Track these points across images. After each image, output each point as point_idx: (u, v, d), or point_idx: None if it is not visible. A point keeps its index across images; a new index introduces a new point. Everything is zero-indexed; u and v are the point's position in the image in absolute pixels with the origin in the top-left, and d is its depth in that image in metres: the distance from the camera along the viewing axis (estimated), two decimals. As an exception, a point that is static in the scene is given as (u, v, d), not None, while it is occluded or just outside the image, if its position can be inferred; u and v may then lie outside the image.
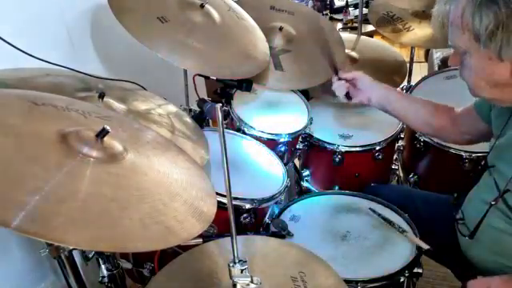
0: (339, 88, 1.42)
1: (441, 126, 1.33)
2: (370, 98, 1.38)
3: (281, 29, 1.70)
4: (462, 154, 1.55)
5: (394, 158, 1.87)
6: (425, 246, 1.14)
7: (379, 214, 1.27)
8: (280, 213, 1.32)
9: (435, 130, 1.37)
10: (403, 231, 1.21)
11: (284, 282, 0.93)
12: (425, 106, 1.35)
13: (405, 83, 2.04)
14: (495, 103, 1.06)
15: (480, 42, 0.90)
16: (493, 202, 1.05)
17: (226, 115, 1.63)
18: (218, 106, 0.73)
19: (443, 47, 2.37)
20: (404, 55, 2.10)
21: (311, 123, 1.69)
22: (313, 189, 1.80)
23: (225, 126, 1.54)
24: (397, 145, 1.82)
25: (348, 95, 1.42)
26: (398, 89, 2.00)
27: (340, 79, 1.43)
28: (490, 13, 0.87)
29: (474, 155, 1.54)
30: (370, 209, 1.30)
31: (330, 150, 1.68)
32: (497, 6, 0.87)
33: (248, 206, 1.29)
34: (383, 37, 2.27)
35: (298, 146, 1.71)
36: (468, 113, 1.25)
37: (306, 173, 1.83)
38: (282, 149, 1.60)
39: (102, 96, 1.11)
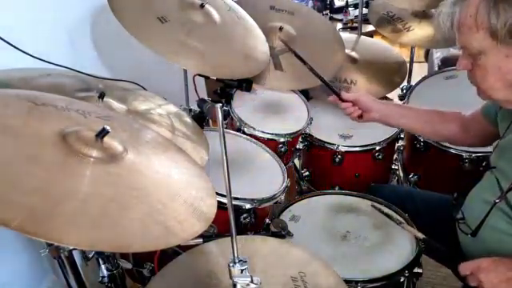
0: (349, 110, 1.38)
1: (451, 133, 1.33)
2: (374, 118, 1.37)
3: (281, 29, 1.70)
4: (462, 154, 1.55)
5: (394, 158, 1.87)
6: (420, 236, 1.15)
7: (379, 209, 1.28)
8: (280, 213, 1.32)
9: (446, 137, 1.39)
10: (400, 223, 1.22)
11: (284, 282, 0.93)
12: (432, 118, 1.34)
13: (405, 83, 2.04)
14: (507, 106, 1.03)
15: (497, 39, 0.89)
16: (497, 200, 1.04)
17: (226, 115, 1.63)
18: (218, 106, 0.73)
19: (443, 47, 2.37)
20: (404, 55, 2.10)
21: (311, 123, 1.69)
22: (313, 189, 1.80)
23: (225, 126, 1.55)
24: (397, 145, 1.82)
25: (360, 115, 1.40)
26: (398, 89, 2.00)
27: (345, 101, 1.39)
28: (508, 7, 0.86)
29: (474, 155, 1.54)
30: (371, 205, 1.31)
31: (329, 149, 1.68)
32: None
33: (248, 205, 1.29)
34: (383, 37, 2.27)
35: (298, 146, 1.71)
36: (475, 118, 1.25)
37: (306, 173, 1.83)
38: (282, 149, 1.60)
39: (102, 96, 1.11)
